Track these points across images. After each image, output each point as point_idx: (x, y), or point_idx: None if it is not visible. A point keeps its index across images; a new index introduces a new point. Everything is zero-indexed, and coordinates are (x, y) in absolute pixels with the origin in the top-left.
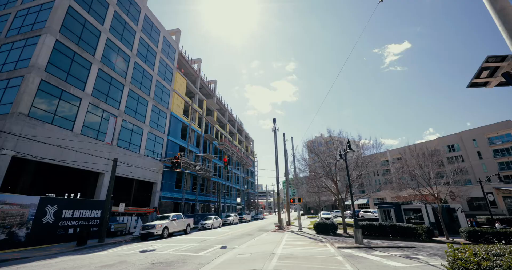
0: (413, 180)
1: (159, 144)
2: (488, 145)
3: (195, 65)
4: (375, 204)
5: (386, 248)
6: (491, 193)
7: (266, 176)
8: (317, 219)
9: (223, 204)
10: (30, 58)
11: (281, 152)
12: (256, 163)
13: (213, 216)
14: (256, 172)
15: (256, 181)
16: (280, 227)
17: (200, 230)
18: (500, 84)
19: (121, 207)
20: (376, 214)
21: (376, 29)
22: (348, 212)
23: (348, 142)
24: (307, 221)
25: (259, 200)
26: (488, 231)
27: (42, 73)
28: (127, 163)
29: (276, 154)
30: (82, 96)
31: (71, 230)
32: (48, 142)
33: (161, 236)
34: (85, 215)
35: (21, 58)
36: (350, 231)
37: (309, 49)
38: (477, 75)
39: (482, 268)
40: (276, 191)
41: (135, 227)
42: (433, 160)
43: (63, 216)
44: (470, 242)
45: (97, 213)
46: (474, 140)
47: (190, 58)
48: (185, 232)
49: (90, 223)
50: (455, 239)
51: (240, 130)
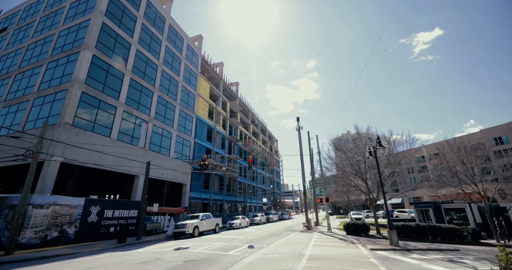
0: (454, 177)
1: (187, 147)
2: None
3: (217, 69)
4: (411, 204)
5: (426, 251)
6: None
7: (292, 176)
8: (347, 220)
9: (250, 204)
10: (72, 73)
11: (306, 151)
12: (281, 163)
13: (241, 216)
14: (281, 172)
15: (282, 181)
16: (308, 228)
17: (229, 230)
18: None
19: (155, 207)
20: (413, 214)
21: (402, 18)
22: (381, 212)
23: (378, 138)
24: (336, 222)
25: (286, 200)
26: None
27: (83, 86)
28: (159, 166)
29: (301, 153)
30: (117, 105)
31: (112, 229)
32: (90, 148)
33: (192, 235)
34: (124, 215)
35: (65, 74)
36: (384, 232)
37: (330, 45)
38: None
39: None
40: (303, 191)
41: (168, 226)
42: (477, 155)
43: (105, 216)
44: None
45: (134, 213)
46: None
47: (213, 62)
48: (214, 231)
49: (128, 222)
50: (508, 243)
51: (264, 130)
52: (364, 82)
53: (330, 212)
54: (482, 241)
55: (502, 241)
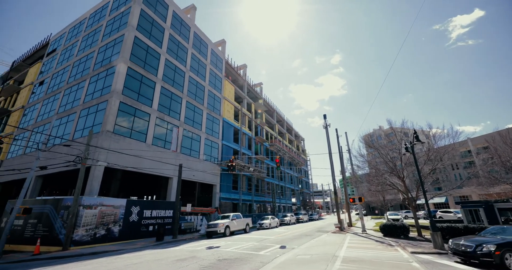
0: (509, 173)
1: (215, 149)
2: None
3: (241, 71)
4: (457, 203)
5: None
6: None
7: (321, 175)
8: (383, 221)
9: (279, 204)
10: (111, 85)
11: (335, 149)
12: (309, 162)
13: (270, 216)
14: (310, 171)
15: (310, 180)
16: (341, 228)
17: (259, 230)
18: None
19: (188, 208)
20: (459, 215)
21: (434, 3)
22: (422, 213)
23: (415, 133)
24: (371, 223)
25: (315, 200)
26: None
27: (120, 96)
28: (190, 168)
29: (330, 152)
30: (151, 112)
31: (151, 228)
32: (128, 153)
33: (224, 234)
34: (161, 215)
35: (105, 86)
36: (426, 235)
37: (355, 38)
38: None
39: None
40: (333, 190)
41: (201, 226)
42: None
43: (144, 215)
44: None
45: (170, 213)
46: None
47: (236, 65)
48: (245, 231)
49: (165, 222)
50: None
51: (290, 130)
52: (395, 74)
53: (364, 213)
54: None
55: None
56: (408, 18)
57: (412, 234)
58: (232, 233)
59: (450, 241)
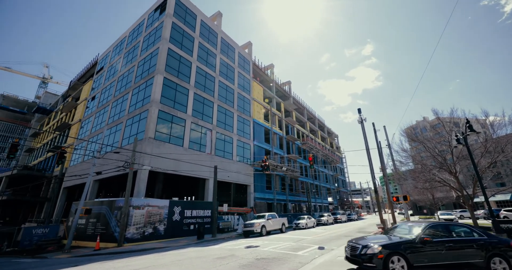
0: None
1: (247, 150)
2: None
3: (268, 71)
4: None
5: None
6: None
7: (359, 173)
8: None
9: (314, 204)
10: (150, 95)
11: (372, 145)
12: (344, 160)
13: (306, 216)
14: (346, 169)
15: (347, 179)
16: (384, 229)
17: (295, 230)
18: None
19: (225, 207)
20: None
21: None
22: (482, 212)
23: (468, 122)
24: None
25: (354, 199)
26: None
27: (159, 105)
28: (224, 169)
29: (367, 147)
30: (186, 118)
31: (192, 227)
32: (168, 157)
33: (260, 234)
34: (200, 214)
35: (145, 96)
36: None
37: (388, 24)
38: None
39: None
40: (373, 189)
41: (238, 225)
42: None
43: (185, 215)
44: None
45: (208, 213)
46: None
47: (263, 66)
48: (281, 231)
49: (204, 221)
50: None
51: (322, 127)
52: (438, 59)
53: (411, 213)
54: None
55: None
56: None
57: None
58: (269, 233)
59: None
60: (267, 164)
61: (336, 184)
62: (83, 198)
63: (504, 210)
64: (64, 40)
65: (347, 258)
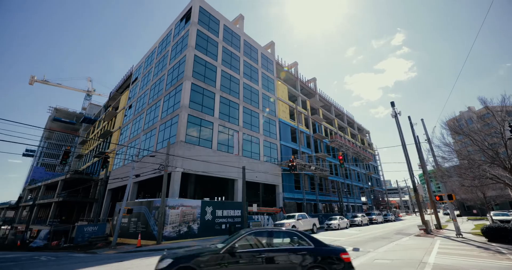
0: None
1: (274, 150)
2: None
3: (292, 69)
4: None
5: None
6: None
7: (395, 171)
8: (486, 222)
9: (346, 204)
10: (180, 101)
11: (409, 140)
12: (378, 157)
13: (338, 216)
14: (380, 167)
15: (382, 177)
16: (426, 231)
17: (327, 230)
18: None
19: (254, 208)
20: None
21: None
22: None
23: None
24: (469, 225)
25: (390, 199)
26: None
27: (188, 110)
28: (252, 169)
29: (403, 143)
30: (213, 120)
31: (223, 226)
32: (198, 159)
33: None
34: (230, 214)
35: (175, 102)
36: None
37: (420, 8)
38: None
39: None
40: (412, 187)
41: (268, 225)
42: None
43: (217, 215)
44: None
45: (238, 213)
46: None
47: (287, 64)
48: (312, 232)
49: (235, 221)
50: None
51: (351, 123)
52: (483, 43)
53: (458, 213)
54: None
55: None
56: None
57: None
58: None
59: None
60: (295, 164)
61: (370, 183)
62: (125, 199)
63: None
64: (102, 55)
65: None
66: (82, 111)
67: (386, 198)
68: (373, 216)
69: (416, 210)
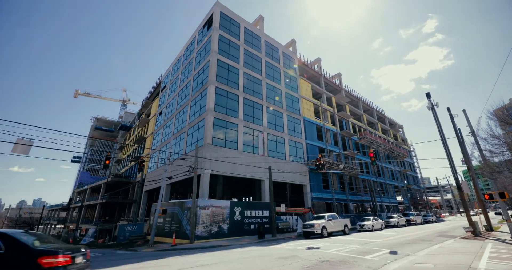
0: None
1: (300, 149)
2: None
3: (315, 66)
4: None
5: None
6: None
7: (434, 167)
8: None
9: (380, 204)
10: (205, 105)
11: (449, 134)
12: (413, 153)
13: (372, 217)
14: (416, 164)
15: (419, 174)
16: (475, 233)
17: (359, 232)
18: None
19: (282, 208)
20: None
21: None
22: None
23: None
24: None
25: (430, 198)
26: None
27: (213, 113)
28: (278, 170)
29: (443, 137)
30: (238, 122)
31: (252, 226)
32: (225, 161)
33: (321, 235)
34: (258, 214)
35: (201, 106)
36: None
37: None
38: None
39: None
40: (456, 185)
41: (297, 225)
42: None
43: (245, 215)
44: None
45: (266, 213)
46: None
47: (309, 61)
48: (344, 233)
49: (263, 221)
50: None
51: (381, 118)
52: None
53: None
54: None
55: None
56: None
57: None
58: (330, 234)
59: None
60: (322, 163)
61: (406, 181)
62: (160, 200)
63: None
64: (134, 66)
65: None
66: (119, 119)
67: (425, 197)
68: (411, 217)
69: (461, 210)
